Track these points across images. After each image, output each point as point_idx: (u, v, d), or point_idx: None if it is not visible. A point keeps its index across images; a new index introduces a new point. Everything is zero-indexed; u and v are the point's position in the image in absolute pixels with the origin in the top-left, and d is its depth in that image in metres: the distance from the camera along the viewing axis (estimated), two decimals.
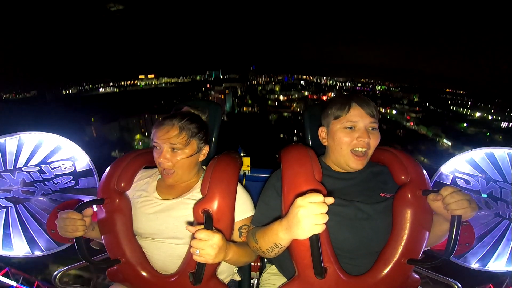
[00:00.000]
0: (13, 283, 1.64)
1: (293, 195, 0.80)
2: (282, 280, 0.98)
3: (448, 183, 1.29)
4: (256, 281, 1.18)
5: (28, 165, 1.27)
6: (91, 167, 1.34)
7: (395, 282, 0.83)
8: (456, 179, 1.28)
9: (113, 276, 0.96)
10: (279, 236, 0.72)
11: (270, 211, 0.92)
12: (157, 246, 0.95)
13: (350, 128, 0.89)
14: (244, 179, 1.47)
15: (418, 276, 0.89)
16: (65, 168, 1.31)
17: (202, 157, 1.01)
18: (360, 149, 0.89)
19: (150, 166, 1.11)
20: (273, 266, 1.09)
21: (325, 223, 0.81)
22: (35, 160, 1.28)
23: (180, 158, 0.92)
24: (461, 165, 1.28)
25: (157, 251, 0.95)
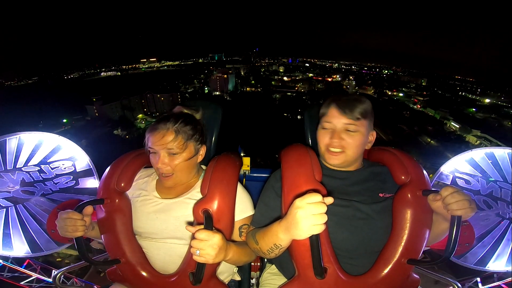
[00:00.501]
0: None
1: (293, 195, 0.80)
2: (282, 280, 0.98)
3: (448, 183, 1.29)
4: (256, 281, 1.18)
5: (28, 165, 1.27)
6: (91, 167, 1.34)
7: (395, 282, 0.83)
8: (456, 179, 1.28)
9: (113, 276, 0.96)
10: (279, 237, 0.72)
11: (270, 212, 0.92)
12: (157, 246, 0.95)
13: (326, 128, 0.92)
14: (244, 179, 1.47)
15: (418, 276, 0.89)
16: (65, 168, 1.31)
17: (200, 158, 1.00)
18: (333, 149, 0.90)
19: (150, 166, 1.11)
20: (273, 266, 1.10)
21: (325, 223, 0.82)
22: (35, 160, 1.28)
23: (179, 162, 0.91)
24: (461, 165, 1.28)
25: (157, 251, 0.95)
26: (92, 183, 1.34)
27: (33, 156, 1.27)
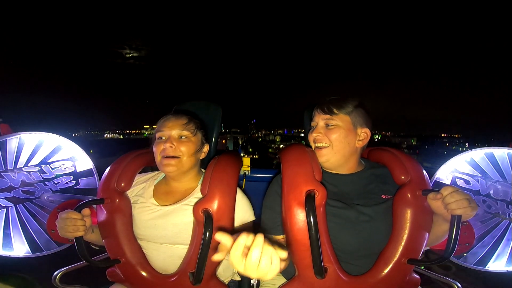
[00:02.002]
0: None
1: (293, 195, 0.80)
2: (282, 280, 0.98)
3: (448, 183, 1.29)
4: (256, 281, 1.18)
5: (29, 165, 1.27)
6: (91, 167, 1.35)
7: (395, 282, 0.83)
8: (456, 179, 1.28)
9: (113, 276, 0.96)
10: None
11: (276, 216, 0.91)
12: (156, 247, 0.95)
13: (312, 127, 0.98)
14: (244, 179, 1.47)
15: (418, 276, 0.89)
16: (65, 168, 1.31)
17: (203, 155, 1.02)
18: (318, 144, 0.94)
19: (150, 166, 1.11)
20: None
21: (326, 224, 0.82)
22: (36, 160, 1.28)
23: (187, 147, 0.93)
24: (461, 165, 1.28)
25: (157, 252, 0.95)
26: (92, 183, 1.34)
27: (34, 156, 1.27)
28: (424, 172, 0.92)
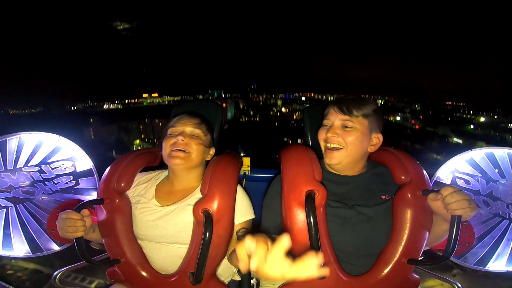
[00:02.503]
0: None
1: (293, 195, 0.80)
2: (282, 280, 0.98)
3: (448, 183, 1.29)
4: (256, 281, 1.18)
5: (28, 165, 1.27)
6: (91, 167, 1.34)
7: (395, 282, 0.83)
8: (456, 179, 1.28)
9: (113, 276, 0.96)
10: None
11: (276, 215, 0.91)
12: (157, 247, 0.95)
13: (325, 125, 0.94)
14: (244, 179, 1.47)
15: (418, 276, 0.89)
16: (65, 168, 1.31)
17: (209, 157, 1.03)
18: (330, 145, 0.91)
19: (150, 166, 1.11)
20: None
21: (326, 224, 0.82)
22: (35, 160, 1.28)
23: (197, 144, 0.96)
24: (461, 165, 1.28)
25: (157, 252, 0.95)
26: (92, 183, 1.34)
27: (34, 156, 1.27)
28: (424, 172, 0.92)
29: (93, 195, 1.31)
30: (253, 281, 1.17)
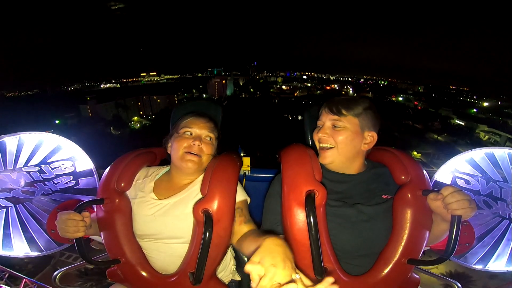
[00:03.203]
0: None
1: (293, 195, 0.80)
2: None
3: (448, 183, 1.29)
4: None
5: (28, 165, 1.27)
6: (91, 167, 1.34)
7: (395, 282, 0.83)
8: (456, 179, 1.28)
9: (113, 276, 0.96)
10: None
11: (276, 216, 0.91)
12: (156, 247, 0.95)
13: (318, 126, 0.97)
14: (244, 179, 1.47)
15: (418, 276, 0.89)
16: (65, 168, 1.31)
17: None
18: (322, 145, 0.93)
19: (149, 166, 1.11)
20: None
21: (326, 224, 0.82)
22: (35, 160, 1.28)
23: (209, 148, 0.98)
24: (461, 165, 1.28)
25: (158, 252, 0.95)
26: (92, 183, 1.34)
27: (33, 156, 1.27)
28: (424, 172, 0.92)
29: (93, 195, 1.31)
30: None
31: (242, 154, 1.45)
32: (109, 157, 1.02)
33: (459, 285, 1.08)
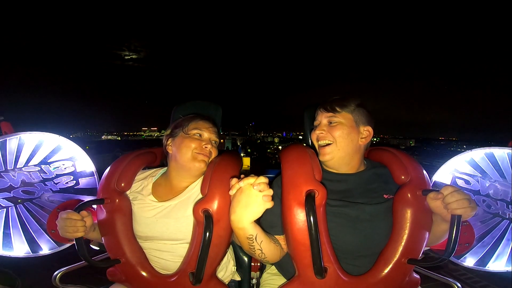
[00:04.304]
0: None
1: (293, 195, 0.80)
2: (282, 280, 0.98)
3: (448, 183, 1.29)
4: (256, 281, 1.18)
5: (29, 165, 1.27)
6: (91, 167, 1.34)
7: (395, 282, 0.83)
8: (456, 179, 1.28)
9: (113, 276, 0.96)
10: (239, 226, 0.74)
11: (273, 218, 0.91)
12: (157, 247, 0.95)
13: (315, 126, 1.01)
14: None
15: (418, 276, 0.89)
16: (65, 168, 1.31)
17: None
18: (320, 142, 0.96)
19: (150, 166, 1.11)
20: (273, 267, 1.10)
21: (327, 224, 0.82)
22: (36, 160, 1.28)
23: (215, 151, 1.01)
24: (461, 165, 1.28)
25: (159, 252, 0.95)
26: (92, 183, 1.34)
27: (34, 156, 1.27)
28: (424, 172, 0.92)
29: (93, 195, 1.31)
30: (253, 281, 1.17)
31: (242, 154, 1.45)
32: None
33: (459, 285, 1.08)
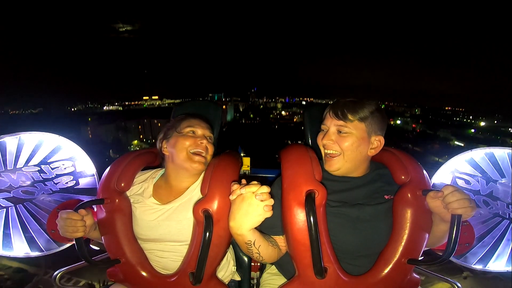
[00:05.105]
0: None
1: (293, 195, 0.80)
2: (282, 280, 0.98)
3: (448, 183, 1.29)
4: (256, 281, 1.18)
5: (28, 165, 1.27)
6: (91, 167, 1.34)
7: (395, 282, 0.83)
8: (456, 179, 1.28)
9: (113, 276, 0.96)
10: (238, 233, 0.74)
11: (273, 219, 0.91)
12: (159, 248, 0.95)
13: (322, 130, 0.94)
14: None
15: (418, 276, 0.89)
16: (65, 168, 1.31)
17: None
18: (327, 151, 0.90)
19: (150, 167, 1.11)
20: (273, 267, 1.09)
21: (327, 224, 0.82)
22: (35, 160, 1.27)
23: (212, 148, 1.00)
24: (461, 165, 1.28)
25: (161, 253, 0.95)
26: (92, 183, 1.34)
27: (33, 156, 1.27)
28: (424, 172, 0.92)
29: (93, 195, 1.31)
30: (253, 281, 1.17)
31: (242, 154, 1.45)
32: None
33: (459, 285, 1.08)
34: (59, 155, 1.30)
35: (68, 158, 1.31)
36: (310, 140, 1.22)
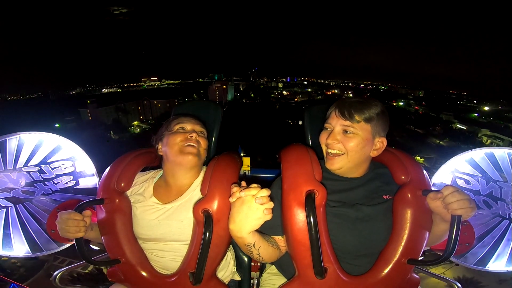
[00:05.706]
0: None
1: (293, 195, 0.80)
2: (282, 280, 0.98)
3: (448, 183, 1.29)
4: (256, 281, 1.18)
5: (28, 165, 1.27)
6: (91, 167, 1.34)
7: (395, 282, 0.83)
8: (456, 179, 1.28)
9: (113, 276, 0.96)
10: (238, 236, 0.74)
11: (274, 219, 0.91)
12: (159, 247, 0.95)
13: (326, 129, 0.93)
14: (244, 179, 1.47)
15: (418, 276, 0.89)
16: (65, 168, 1.31)
17: (204, 158, 1.04)
18: (331, 151, 0.90)
19: (150, 166, 1.11)
20: (273, 267, 1.09)
21: (327, 224, 0.82)
22: (35, 160, 1.28)
23: (204, 141, 1.02)
24: (461, 165, 1.28)
25: (161, 253, 0.95)
26: (92, 183, 1.34)
27: (33, 156, 1.27)
28: (424, 172, 0.92)
29: (93, 195, 1.31)
30: (253, 281, 1.17)
31: (242, 154, 1.45)
32: (108, 161, 1.03)
33: (459, 285, 1.08)
34: (59, 155, 1.31)
35: (68, 158, 1.31)
36: (310, 140, 1.22)
